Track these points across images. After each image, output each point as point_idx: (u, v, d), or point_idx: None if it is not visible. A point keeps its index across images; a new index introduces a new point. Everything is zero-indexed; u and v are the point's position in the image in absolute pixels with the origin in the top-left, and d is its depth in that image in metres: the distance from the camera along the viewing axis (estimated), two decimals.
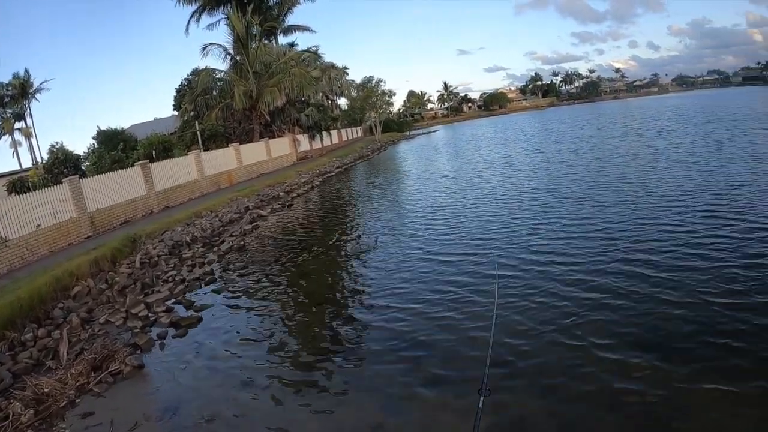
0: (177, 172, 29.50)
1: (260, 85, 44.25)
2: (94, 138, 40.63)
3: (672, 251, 12.26)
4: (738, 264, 10.91)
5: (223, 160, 35.74)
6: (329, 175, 42.29)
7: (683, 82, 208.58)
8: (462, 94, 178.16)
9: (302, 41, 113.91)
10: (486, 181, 27.91)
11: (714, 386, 6.87)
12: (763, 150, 28.47)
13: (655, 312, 9.13)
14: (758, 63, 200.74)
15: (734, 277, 10.23)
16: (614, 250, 12.80)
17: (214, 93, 47.08)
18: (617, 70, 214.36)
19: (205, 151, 36.20)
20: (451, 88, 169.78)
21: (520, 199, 21.53)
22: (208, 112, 44.99)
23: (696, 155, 28.74)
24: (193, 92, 46.88)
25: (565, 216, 17.38)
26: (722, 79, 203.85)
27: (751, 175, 21.41)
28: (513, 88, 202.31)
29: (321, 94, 72.04)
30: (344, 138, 74.84)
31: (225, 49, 45.98)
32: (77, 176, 23.01)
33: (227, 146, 38.59)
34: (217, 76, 46.87)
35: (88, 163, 35.07)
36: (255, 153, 41.60)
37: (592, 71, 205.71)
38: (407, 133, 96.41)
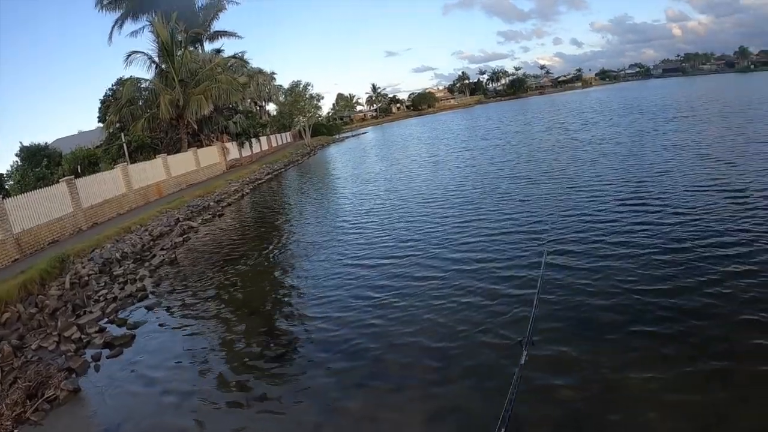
0: (104, 187, 28.80)
1: (186, 94, 43.42)
2: (17, 155, 39.55)
3: (596, 241, 13.09)
4: (661, 250, 11.74)
5: (151, 172, 35.04)
6: (260, 182, 42.29)
7: (606, 76, 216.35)
8: (391, 95, 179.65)
9: (229, 47, 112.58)
10: (414, 181, 28.55)
11: (643, 374, 7.39)
12: (684, 137, 30.21)
13: (582, 304, 9.72)
14: (677, 56, 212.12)
15: (658, 264, 11.01)
16: (540, 244, 13.39)
17: (140, 103, 45.76)
18: (542, 67, 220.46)
19: (132, 163, 35.40)
20: (379, 90, 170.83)
21: (446, 198, 22.17)
22: (133, 123, 43.69)
23: (619, 146, 30.33)
24: (118, 103, 45.40)
25: (492, 212, 18.10)
26: (643, 72, 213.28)
27: (674, 162, 22.86)
28: (441, 88, 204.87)
29: (249, 100, 71.34)
30: (274, 144, 74.46)
31: (149, 58, 44.97)
32: (0, 196, 22.50)
33: (155, 157, 37.83)
34: (142, 86, 45.64)
35: (11, 182, 34.27)
36: (183, 163, 40.92)
37: (518, 68, 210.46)
38: (337, 136, 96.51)
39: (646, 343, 8.11)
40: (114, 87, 52.09)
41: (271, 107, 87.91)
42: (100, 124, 52.89)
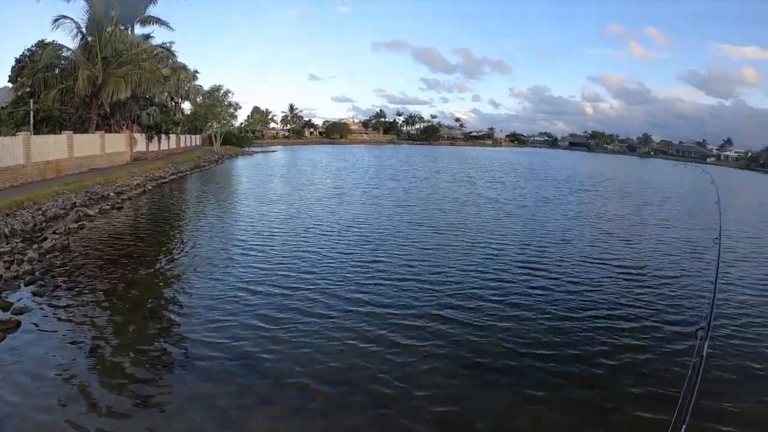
0: (1, 153, 26.97)
1: (107, 73, 41.77)
2: None
3: (490, 300, 13.86)
4: (552, 316, 12.78)
5: (53, 147, 33.12)
6: (163, 180, 41.09)
7: (516, 139, 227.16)
8: (306, 119, 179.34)
9: (159, 35, 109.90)
10: (316, 210, 28.63)
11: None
12: (585, 209, 32.99)
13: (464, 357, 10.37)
14: (585, 132, 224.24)
15: (545, 329, 11.94)
16: (434, 295, 14.07)
17: (57, 72, 43.23)
18: (457, 120, 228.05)
19: (35, 134, 33.54)
20: (296, 111, 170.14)
21: (347, 234, 22.42)
22: (46, 91, 41.32)
23: (523, 209, 32.30)
24: (34, 67, 42.73)
25: (391, 256, 18.54)
26: (551, 142, 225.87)
27: (573, 232, 24.84)
28: (356, 121, 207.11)
29: (166, 94, 69.76)
30: (182, 144, 72.59)
31: (78, 27, 42.79)
32: None
33: (60, 133, 35.96)
34: (63, 54, 43.33)
35: None
36: (89, 145, 39.03)
37: (434, 116, 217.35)
38: (246, 149, 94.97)
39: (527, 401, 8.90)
40: (33, 48, 48.69)
41: (187, 106, 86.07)
42: (10, 84, 50.32)
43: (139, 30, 57.97)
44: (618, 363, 10.40)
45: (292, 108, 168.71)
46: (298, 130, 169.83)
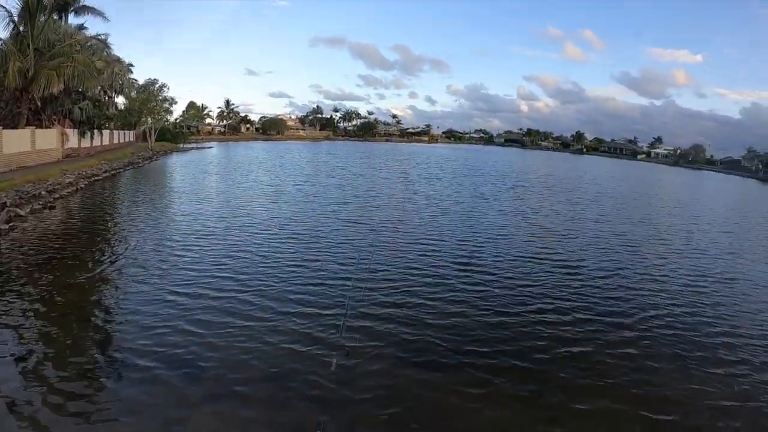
0: None
1: (39, 65, 40.34)
2: None
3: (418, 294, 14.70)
4: (481, 310, 13.63)
5: None
6: (96, 178, 40.25)
7: (452, 136, 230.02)
8: (242, 114, 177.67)
9: (92, 26, 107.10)
10: (251, 208, 28.84)
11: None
12: (521, 205, 34.96)
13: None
14: (519, 129, 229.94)
15: (480, 325, 12.69)
16: (370, 294, 14.46)
17: None
18: (394, 116, 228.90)
19: None
20: (232, 107, 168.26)
21: (281, 232, 22.69)
22: None
23: (460, 205, 33.73)
24: None
25: (324, 253, 19.02)
26: (486, 138, 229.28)
27: (509, 228, 26.14)
28: (293, 117, 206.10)
29: (100, 88, 68.12)
30: (116, 140, 70.65)
31: (9, 15, 41.01)
32: None
33: None
34: None
35: None
36: (19, 142, 37.81)
37: (370, 113, 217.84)
38: (181, 145, 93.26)
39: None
40: None
41: (121, 100, 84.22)
42: None
43: (72, 20, 56.25)
44: (553, 356, 11.17)
45: (228, 103, 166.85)
46: (234, 125, 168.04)
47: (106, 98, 74.83)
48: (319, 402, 8.87)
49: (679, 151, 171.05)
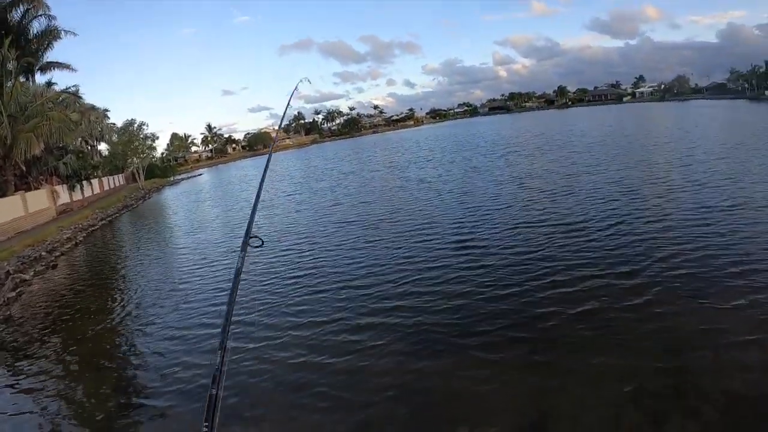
0: None
1: (15, 130, 40.36)
2: None
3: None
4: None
5: None
6: (93, 228, 40.27)
7: (436, 115, 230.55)
8: (226, 136, 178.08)
9: (61, 80, 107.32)
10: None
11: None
12: (515, 171, 35.20)
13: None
14: (502, 95, 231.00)
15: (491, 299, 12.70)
16: (378, 292, 14.40)
17: None
18: (376, 107, 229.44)
19: None
20: (215, 130, 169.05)
21: (276, 249, 21.97)
22: None
23: (452, 183, 34.06)
24: None
25: (325, 264, 18.46)
26: (471, 111, 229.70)
27: (505, 197, 26.24)
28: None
29: (80, 138, 68.35)
30: (106, 187, 70.90)
31: None
32: None
33: None
34: None
35: None
36: (11, 209, 37.80)
37: (352, 108, 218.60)
38: (171, 179, 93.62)
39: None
40: None
41: (103, 147, 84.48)
42: None
43: (40, 78, 56.79)
44: (561, 320, 11.12)
45: (210, 127, 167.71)
46: (220, 148, 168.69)
47: (89, 148, 75.31)
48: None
49: (663, 86, 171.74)
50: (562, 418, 7.88)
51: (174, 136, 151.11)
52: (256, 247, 4.20)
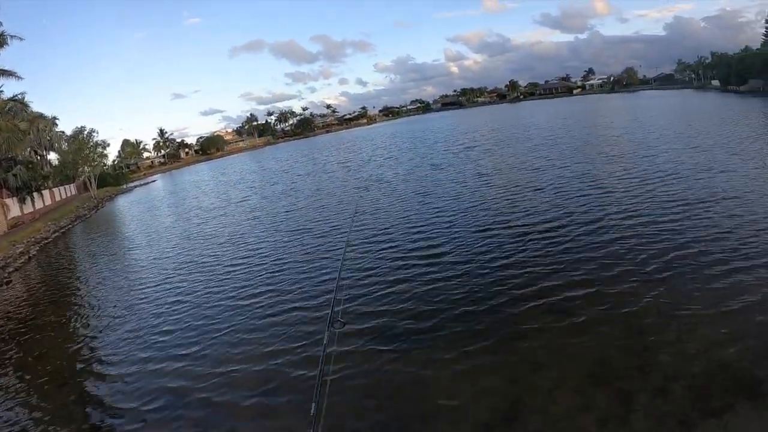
0: None
1: None
2: None
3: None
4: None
5: None
6: (46, 241, 39.66)
7: (389, 112, 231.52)
8: (179, 140, 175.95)
9: (6, 88, 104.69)
10: (208, 237, 28.27)
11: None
12: (477, 168, 35.93)
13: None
14: (454, 91, 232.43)
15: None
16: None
17: None
18: (328, 106, 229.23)
19: None
20: (167, 135, 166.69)
21: (236, 256, 22.14)
22: None
23: (410, 183, 34.36)
24: None
25: (275, 274, 18.34)
26: (423, 107, 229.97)
27: (468, 197, 26.42)
28: (230, 130, 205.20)
29: (29, 148, 67.14)
30: (58, 198, 69.60)
31: None
32: None
33: None
34: None
35: None
36: None
37: (305, 108, 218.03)
38: (124, 186, 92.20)
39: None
40: None
41: (53, 156, 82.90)
42: None
43: None
44: (537, 310, 11.85)
45: (162, 132, 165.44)
46: (173, 153, 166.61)
47: (38, 158, 73.77)
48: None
49: (612, 78, 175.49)
50: (533, 407, 8.46)
51: (125, 142, 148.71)
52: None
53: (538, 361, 9.70)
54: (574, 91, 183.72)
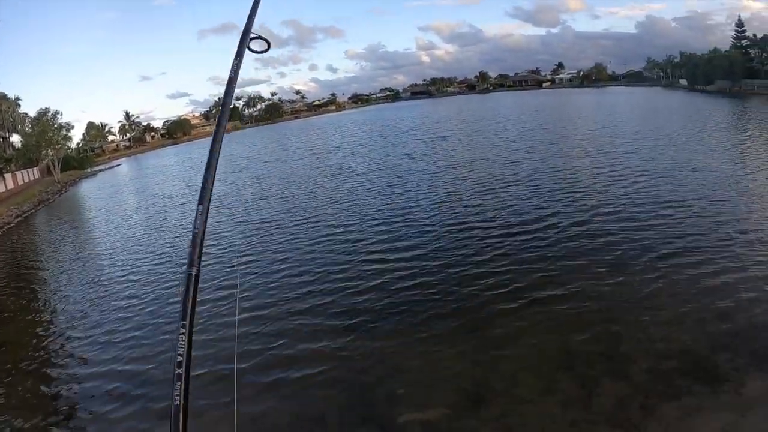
0: None
1: None
2: None
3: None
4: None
5: None
6: (9, 226, 39.36)
7: (358, 100, 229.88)
8: (145, 123, 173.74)
9: None
10: (171, 228, 28.02)
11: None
12: (450, 159, 36.62)
13: None
14: (424, 80, 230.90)
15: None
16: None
17: None
18: (298, 92, 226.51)
19: None
20: (133, 118, 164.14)
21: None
22: None
23: (383, 171, 34.98)
24: None
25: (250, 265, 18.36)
26: (393, 95, 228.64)
27: (442, 188, 27.07)
28: (197, 114, 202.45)
29: None
30: (20, 181, 67.99)
31: None
32: None
33: None
34: None
35: None
36: None
37: (274, 94, 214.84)
38: (89, 170, 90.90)
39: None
40: None
41: (16, 138, 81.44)
42: None
43: None
44: (503, 298, 12.39)
45: (128, 115, 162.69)
46: (139, 137, 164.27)
47: (0, 140, 72.50)
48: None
49: (582, 73, 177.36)
50: (498, 390, 8.97)
51: (90, 125, 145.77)
52: None
53: (501, 346, 10.25)
54: (544, 85, 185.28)
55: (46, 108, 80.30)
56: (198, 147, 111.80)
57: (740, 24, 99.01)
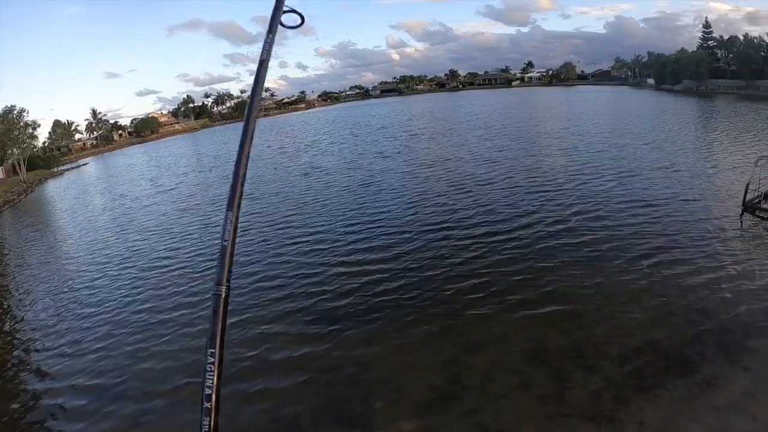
0: None
1: None
2: None
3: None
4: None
5: None
6: None
7: (328, 97, 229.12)
8: (112, 122, 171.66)
9: None
10: (140, 229, 28.16)
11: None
12: (423, 157, 37.28)
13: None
14: (394, 78, 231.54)
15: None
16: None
17: None
18: (267, 90, 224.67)
19: None
20: (100, 116, 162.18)
21: (175, 252, 22.29)
22: None
23: (357, 171, 35.20)
24: None
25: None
26: (363, 93, 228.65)
27: (418, 183, 28.02)
28: (165, 112, 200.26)
29: None
30: None
31: None
32: None
33: None
34: None
35: None
36: None
37: (243, 91, 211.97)
38: (55, 170, 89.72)
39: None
40: None
41: None
42: None
43: None
44: (476, 296, 12.91)
45: (95, 113, 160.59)
46: (106, 135, 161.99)
47: None
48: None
49: (551, 71, 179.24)
50: (472, 386, 9.31)
51: (56, 123, 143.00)
52: None
53: (475, 344, 10.63)
54: (513, 83, 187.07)
55: (11, 106, 79.12)
56: (165, 146, 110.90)
57: (707, 25, 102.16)
